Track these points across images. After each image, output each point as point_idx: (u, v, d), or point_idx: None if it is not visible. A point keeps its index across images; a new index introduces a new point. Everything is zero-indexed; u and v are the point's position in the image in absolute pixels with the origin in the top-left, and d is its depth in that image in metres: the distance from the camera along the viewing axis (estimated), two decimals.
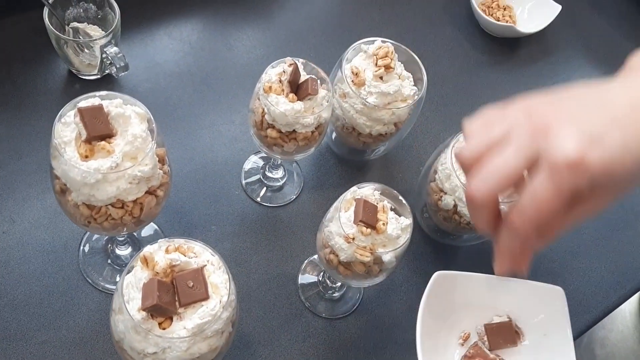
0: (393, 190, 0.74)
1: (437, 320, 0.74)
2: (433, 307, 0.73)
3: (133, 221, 0.65)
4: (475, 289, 0.77)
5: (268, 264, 0.88)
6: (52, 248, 0.83)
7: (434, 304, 0.73)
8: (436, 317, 0.74)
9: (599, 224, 1.03)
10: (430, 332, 0.71)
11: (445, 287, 0.75)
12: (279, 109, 0.74)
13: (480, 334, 0.78)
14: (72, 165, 0.58)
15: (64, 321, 0.79)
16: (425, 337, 0.70)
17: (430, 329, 0.71)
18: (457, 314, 0.77)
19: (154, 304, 0.52)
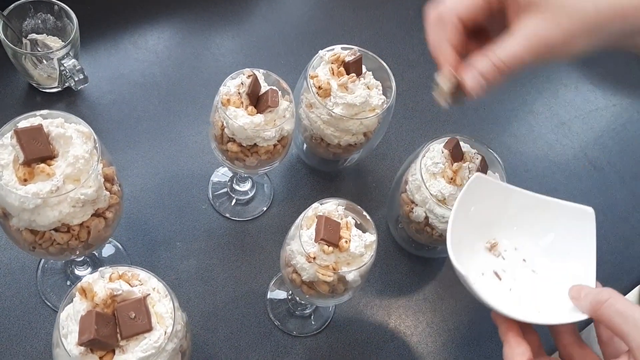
0: (357, 205, 0.71)
1: (467, 224, 0.70)
2: (465, 209, 0.70)
3: (81, 245, 0.62)
4: (506, 200, 0.73)
5: (236, 281, 0.85)
6: (9, 270, 0.80)
7: (466, 207, 0.70)
8: (466, 220, 0.70)
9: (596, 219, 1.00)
10: (459, 234, 0.68)
11: (479, 193, 0.71)
12: (237, 122, 0.71)
13: None
14: (9, 190, 0.55)
15: (21, 346, 0.76)
16: (455, 236, 0.67)
17: (458, 231, 0.68)
18: (486, 221, 0.73)
19: (91, 339, 0.49)
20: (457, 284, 0.89)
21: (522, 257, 0.73)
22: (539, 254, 0.73)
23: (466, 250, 0.70)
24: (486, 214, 0.73)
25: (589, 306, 0.60)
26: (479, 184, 0.71)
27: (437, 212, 0.79)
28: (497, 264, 0.73)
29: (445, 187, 0.78)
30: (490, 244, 0.74)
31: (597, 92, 1.16)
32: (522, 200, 0.72)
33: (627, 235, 1.00)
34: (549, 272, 0.71)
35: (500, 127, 1.08)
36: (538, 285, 0.71)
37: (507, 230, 0.74)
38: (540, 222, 0.73)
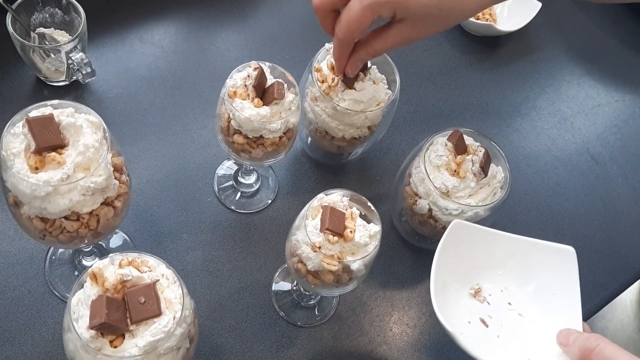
0: (362, 196, 0.72)
1: (450, 271, 0.72)
2: (447, 256, 0.71)
3: (90, 234, 0.63)
4: (488, 244, 0.74)
5: (241, 273, 0.86)
6: (17, 260, 0.81)
7: (448, 253, 0.71)
8: (449, 267, 0.72)
9: (598, 213, 1.01)
10: (443, 281, 0.70)
11: (460, 238, 0.73)
12: (244, 114, 0.72)
13: None
14: (21, 177, 0.56)
15: (29, 335, 0.77)
16: (439, 286, 0.68)
17: (442, 279, 0.70)
18: (468, 267, 0.74)
19: (102, 322, 0.50)
20: None
21: (507, 300, 0.74)
22: (524, 296, 0.74)
23: (451, 297, 0.72)
24: (468, 258, 0.74)
25: (578, 354, 0.61)
26: (459, 229, 0.73)
27: (440, 205, 0.80)
28: (482, 310, 0.74)
29: (449, 179, 0.79)
30: (474, 290, 0.75)
31: (600, 88, 1.17)
32: (503, 243, 0.74)
33: (628, 229, 1.01)
34: (535, 315, 0.72)
35: (503, 123, 1.09)
36: (526, 330, 0.71)
37: (491, 274, 0.75)
38: (524, 264, 0.74)
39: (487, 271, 0.75)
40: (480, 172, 0.79)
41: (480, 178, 0.79)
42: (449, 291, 0.71)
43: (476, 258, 0.74)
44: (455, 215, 0.80)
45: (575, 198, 1.03)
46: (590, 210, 1.02)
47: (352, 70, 0.77)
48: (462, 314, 0.73)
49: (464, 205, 0.78)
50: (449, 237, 0.72)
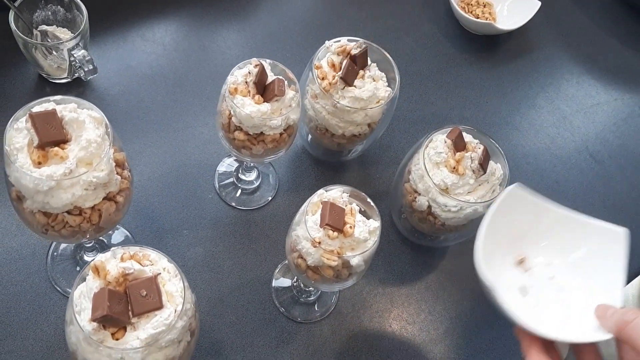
0: (361, 192, 0.72)
1: (497, 236, 0.70)
2: (497, 221, 0.70)
3: (92, 228, 0.64)
4: (539, 215, 0.72)
5: (241, 269, 0.87)
6: (20, 255, 0.81)
7: (499, 218, 0.70)
8: (497, 232, 0.70)
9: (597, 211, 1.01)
10: (490, 245, 0.69)
11: (513, 206, 0.71)
12: (244, 111, 0.73)
13: None
14: (24, 172, 0.56)
15: (31, 330, 0.77)
16: (485, 248, 0.68)
17: (488, 242, 0.69)
18: (516, 235, 0.72)
19: (104, 315, 0.50)
20: (458, 274, 0.91)
21: (550, 273, 0.72)
22: (567, 271, 0.72)
23: (494, 263, 0.69)
24: (517, 227, 0.72)
25: (614, 326, 0.60)
26: (515, 195, 0.71)
27: (439, 201, 0.80)
28: (524, 279, 0.72)
29: (448, 176, 0.79)
30: (519, 259, 0.73)
31: (599, 86, 1.18)
32: (554, 217, 0.72)
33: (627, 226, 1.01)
34: (575, 290, 0.70)
35: (502, 121, 1.09)
36: (564, 303, 0.69)
37: (537, 245, 0.73)
38: (571, 239, 0.72)
39: (533, 242, 0.73)
40: (479, 169, 0.80)
41: (479, 175, 0.80)
42: (492, 256, 0.69)
43: (525, 228, 0.72)
44: (454, 212, 0.80)
45: (574, 196, 1.03)
46: (588, 208, 1.03)
47: None
48: (503, 279, 0.70)
49: (463, 202, 0.79)
50: (504, 203, 0.70)
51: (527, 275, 0.72)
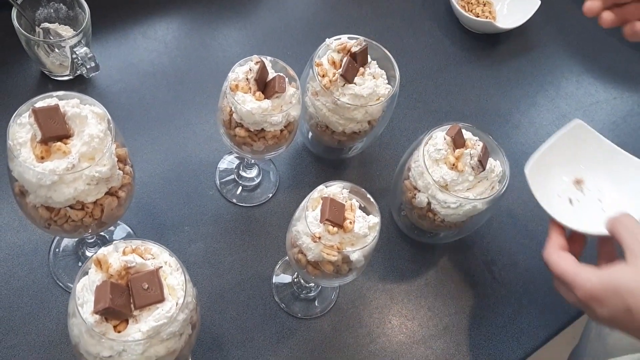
0: (361, 188, 0.73)
1: (559, 157, 0.85)
2: (560, 146, 0.85)
3: (95, 223, 0.64)
4: (602, 153, 0.85)
5: (242, 265, 0.87)
6: (22, 251, 0.82)
7: (563, 144, 0.85)
8: (560, 153, 0.85)
9: None
10: (549, 161, 0.84)
11: (581, 138, 0.85)
12: (245, 107, 0.73)
13: None
14: (27, 166, 0.57)
15: (33, 325, 0.78)
16: (543, 162, 0.84)
17: (549, 159, 0.84)
18: (578, 162, 0.86)
19: (106, 307, 0.51)
20: (458, 270, 0.92)
21: (599, 196, 0.85)
22: (617, 202, 0.83)
23: (553, 175, 0.85)
24: (580, 155, 0.86)
25: (608, 223, 0.73)
26: (582, 128, 0.85)
27: (439, 198, 0.81)
28: (574, 194, 0.86)
29: (448, 173, 0.80)
30: (576, 179, 0.86)
31: (598, 85, 1.18)
32: (612, 153, 0.85)
33: None
34: (615, 210, 0.78)
35: (502, 119, 1.10)
36: (600, 217, 0.78)
37: (595, 173, 0.86)
38: (624, 174, 0.84)
39: (592, 170, 0.86)
40: (478, 165, 0.80)
41: (478, 172, 0.80)
42: (551, 171, 0.84)
43: (587, 156, 0.86)
44: (454, 209, 0.81)
45: None
46: None
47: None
48: (554, 188, 0.85)
49: (462, 199, 0.79)
50: (571, 132, 0.85)
51: (579, 193, 0.86)
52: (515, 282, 0.93)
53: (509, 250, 0.95)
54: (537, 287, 0.93)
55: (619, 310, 0.67)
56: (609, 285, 0.68)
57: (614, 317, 0.69)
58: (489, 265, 0.94)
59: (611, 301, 0.68)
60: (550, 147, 0.84)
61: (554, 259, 0.74)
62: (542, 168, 0.84)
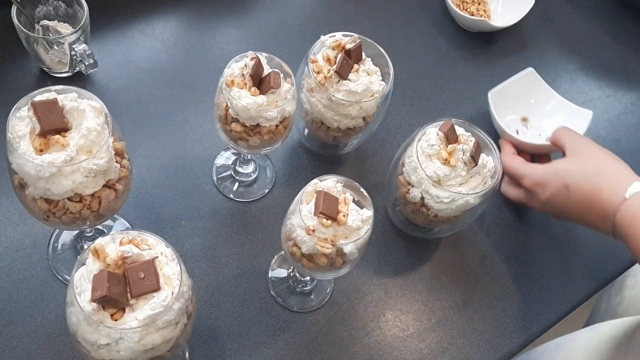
0: (355, 182, 0.74)
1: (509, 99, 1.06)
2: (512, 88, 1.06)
3: (93, 215, 0.65)
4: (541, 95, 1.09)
5: (238, 259, 0.89)
6: (22, 245, 0.83)
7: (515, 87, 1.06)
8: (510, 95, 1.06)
9: None
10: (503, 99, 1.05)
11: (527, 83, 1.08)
12: (241, 102, 0.75)
13: None
14: (26, 159, 0.58)
15: (32, 317, 0.79)
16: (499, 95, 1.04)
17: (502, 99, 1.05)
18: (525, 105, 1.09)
19: (103, 295, 0.52)
20: (451, 265, 0.93)
21: (539, 133, 1.08)
22: (550, 131, 1.00)
23: (506, 107, 1.05)
24: (529, 97, 1.08)
25: (552, 135, 0.94)
26: (532, 75, 1.08)
27: (432, 193, 0.82)
28: (520, 128, 1.08)
29: (440, 168, 0.81)
30: (523, 117, 1.08)
31: (592, 83, 1.19)
32: (556, 101, 1.07)
33: None
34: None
35: None
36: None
37: (539, 114, 1.08)
38: (564, 118, 1.06)
39: (536, 112, 1.08)
40: (470, 161, 0.81)
41: (470, 167, 0.82)
42: (505, 105, 1.04)
43: (534, 101, 1.07)
44: (447, 203, 0.82)
45: None
46: None
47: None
48: (505, 120, 1.06)
49: (455, 193, 0.81)
50: (521, 79, 1.07)
51: (524, 128, 1.08)
52: (509, 277, 0.94)
53: (502, 246, 0.97)
54: (530, 281, 0.94)
55: (558, 188, 0.83)
56: (551, 170, 0.86)
57: (554, 196, 0.84)
58: (483, 260, 0.95)
59: (552, 182, 0.84)
60: (506, 86, 1.05)
61: (509, 158, 0.93)
62: (499, 101, 1.03)
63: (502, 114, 1.05)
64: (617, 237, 0.80)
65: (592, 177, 0.81)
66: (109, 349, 0.55)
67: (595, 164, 0.83)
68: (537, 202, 0.88)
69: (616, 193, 0.78)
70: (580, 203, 0.82)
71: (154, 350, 0.57)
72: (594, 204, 0.80)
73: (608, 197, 0.78)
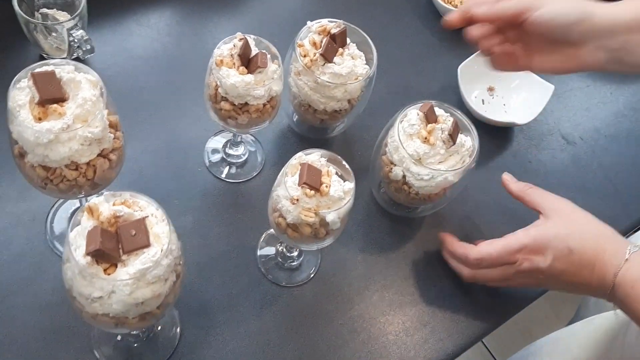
0: (338, 156, 0.78)
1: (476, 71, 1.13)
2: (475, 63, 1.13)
3: (88, 183, 0.69)
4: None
5: (228, 236, 0.92)
6: (20, 220, 0.87)
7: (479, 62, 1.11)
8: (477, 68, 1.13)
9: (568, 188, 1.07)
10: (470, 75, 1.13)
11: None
12: (229, 80, 0.79)
13: None
14: (26, 126, 0.62)
15: (31, 288, 0.82)
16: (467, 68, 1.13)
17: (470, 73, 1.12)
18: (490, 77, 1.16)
19: (97, 248, 0.56)
20: (434, 243, 0.96)
21: (504, 102, 1.16)
22: (516, 104, 1.14)
23: (472, 81, 1.12)
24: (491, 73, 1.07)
25: (517, 190, 0.91)
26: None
27: (413, 170, 0.86)
28: (486, 97, 1.16)
29: (420, 146, 0.85)
30: (489, 86, 1.17)
31: (573, 74, 1.23)
32: (521, 74, 1.12)
33: (595, 203, 1.06)
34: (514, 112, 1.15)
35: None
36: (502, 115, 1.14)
37: (504, 84, 1.16)
38: (527, 89, 1.15)
39: (502, 83, 1.17)
40: (449, 139, 0.85)
41: (449, 145, 0.86)
42: (473, 77, 1.12)
43: (499, 74, 1.07)
44: (427, 180, 0.86)
45: (546, 174, 1.09)
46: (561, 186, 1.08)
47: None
48: (473, 91, 1.15)
49: (434, 171, 0.84)
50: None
51: (490, 97, 1.17)
52: None
53: (483, 226, 1.00)
54: None
55: (561, 251, 0.80)
56: (550, 234, 0.82)
57: (557, 260, 0.80)
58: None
59: (553, 245, 0.81)
60: (475, 58, 1.13)
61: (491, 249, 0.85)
62: (467, 74, 1.11)
63: (471, 87, 1.13)
64: (613, 299, 0.79)
65: (594, 239, 0.80)
66: (102, 302, 0.59)
67: (591, 226, 0.82)
68: (529, 273, 0.83)
69: (617, 254, 0.78)
70: (582, 266, 0.79)
71: (144, 305, 0.61)
72: (596, 266, 0.79)
73: (610, 258, 0.78)
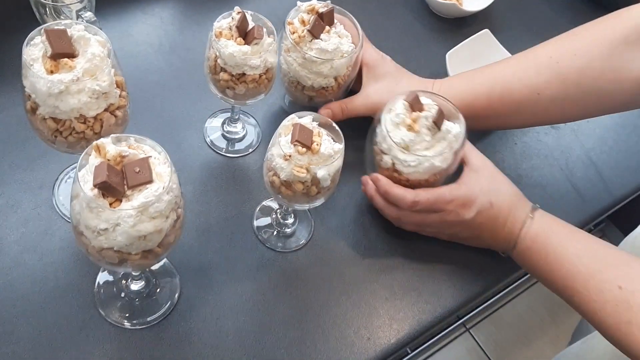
0: (329, 120, 0.83)
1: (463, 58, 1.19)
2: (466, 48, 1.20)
3: (95, 137, 0.74)
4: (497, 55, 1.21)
5: (227, 205, 0.97)
6: (29, 187, 0.92)
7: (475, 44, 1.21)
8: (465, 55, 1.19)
9: (553, 168, 1.12)
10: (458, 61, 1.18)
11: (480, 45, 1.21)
12: (228, 50, 0.84)
13: None
14: (39, 76, 0.68)
15: (37, 249, 0.87)
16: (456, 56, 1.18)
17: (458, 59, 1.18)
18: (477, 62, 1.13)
19: (103, 181, 0.61)
20: None
21: None
22: None
23: (460, 66, 1.15)
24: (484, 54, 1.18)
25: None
26: (488, 36, 1.22)
27: (400, 158, 0.89)
28: None
29: (406, 134, 0.88)
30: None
31: None
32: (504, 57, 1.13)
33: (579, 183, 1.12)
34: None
35: None
36: None
37: None
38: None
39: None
40: (433, 126, 0.89)
41: (434, 132, 0.89)
42: (461, 62, 1.16)
43: (487, 58, 1.15)
44: (414, 167, 0.89)
45: (531, 156, 1.14)
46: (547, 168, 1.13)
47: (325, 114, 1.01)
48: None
49: (421, 157, 0.88)
50: (477, 39, 1.20)
51: None
52: None
53: None
54: None
55: (484, 205, 0.89)
56: (476, 189, 0.90)
57: (479, 214, 0.89)
58: None
59: (479, 200, 0.89)
60: (464, 44, 1.18)
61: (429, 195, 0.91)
62: (456, 59, 1.16)
63: (458, 70, 1.13)
64: (513, 252, 0.91)
65: (509, 196, 0.91)
66: (107, 235, 0.64)
67: (507, 185, 0.93)
68: (450, 224, 0.92)
69: (525, 212, 0.90)
70: (497, 220, 0.90)
71: (147, 240, 0.65)
72: (508, 221, 0.90)
73: (520, 214, 0.89)
